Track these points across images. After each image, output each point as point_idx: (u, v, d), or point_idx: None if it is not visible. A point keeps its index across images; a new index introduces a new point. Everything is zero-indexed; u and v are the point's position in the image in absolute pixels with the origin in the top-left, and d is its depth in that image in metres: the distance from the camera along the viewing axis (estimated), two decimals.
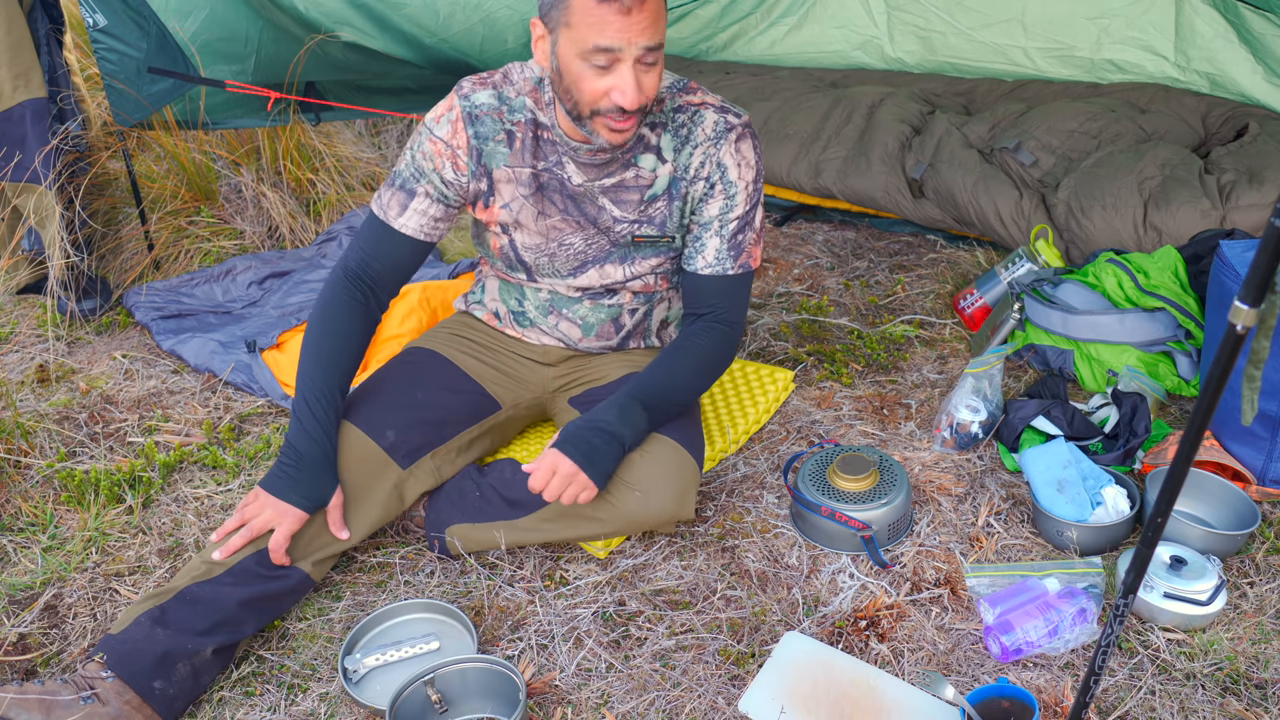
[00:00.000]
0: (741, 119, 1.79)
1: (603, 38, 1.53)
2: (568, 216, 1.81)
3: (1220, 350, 0.94)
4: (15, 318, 2.72)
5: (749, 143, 1.79)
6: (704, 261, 1.83)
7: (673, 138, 1.77)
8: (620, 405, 1.73)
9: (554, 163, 1.77)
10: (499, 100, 1.75)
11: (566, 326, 1.95)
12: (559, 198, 1.79)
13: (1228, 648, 1.65)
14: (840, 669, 1.62)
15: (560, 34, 1.57)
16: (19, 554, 1.92)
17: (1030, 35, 3.42)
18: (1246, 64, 3.11)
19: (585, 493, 1.68)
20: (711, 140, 1.77)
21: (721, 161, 1.77)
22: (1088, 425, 2.08)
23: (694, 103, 1.78)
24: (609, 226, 1.81)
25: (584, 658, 1.67)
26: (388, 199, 1.80)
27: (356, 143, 3.56)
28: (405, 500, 1.83)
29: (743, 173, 1.79)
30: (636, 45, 1.54)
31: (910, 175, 2.95)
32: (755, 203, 1.83)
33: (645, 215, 1.81)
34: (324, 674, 1.65)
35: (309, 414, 1.71)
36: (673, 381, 1.81)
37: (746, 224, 1.83)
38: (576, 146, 1.73)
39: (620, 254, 1.85)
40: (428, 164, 1.77)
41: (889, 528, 1.87)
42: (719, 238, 1.82)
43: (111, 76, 2.69)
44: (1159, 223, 2.56)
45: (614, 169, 1.77)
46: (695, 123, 1.77)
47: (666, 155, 1.78)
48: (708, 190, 1.79)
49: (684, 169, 1.78)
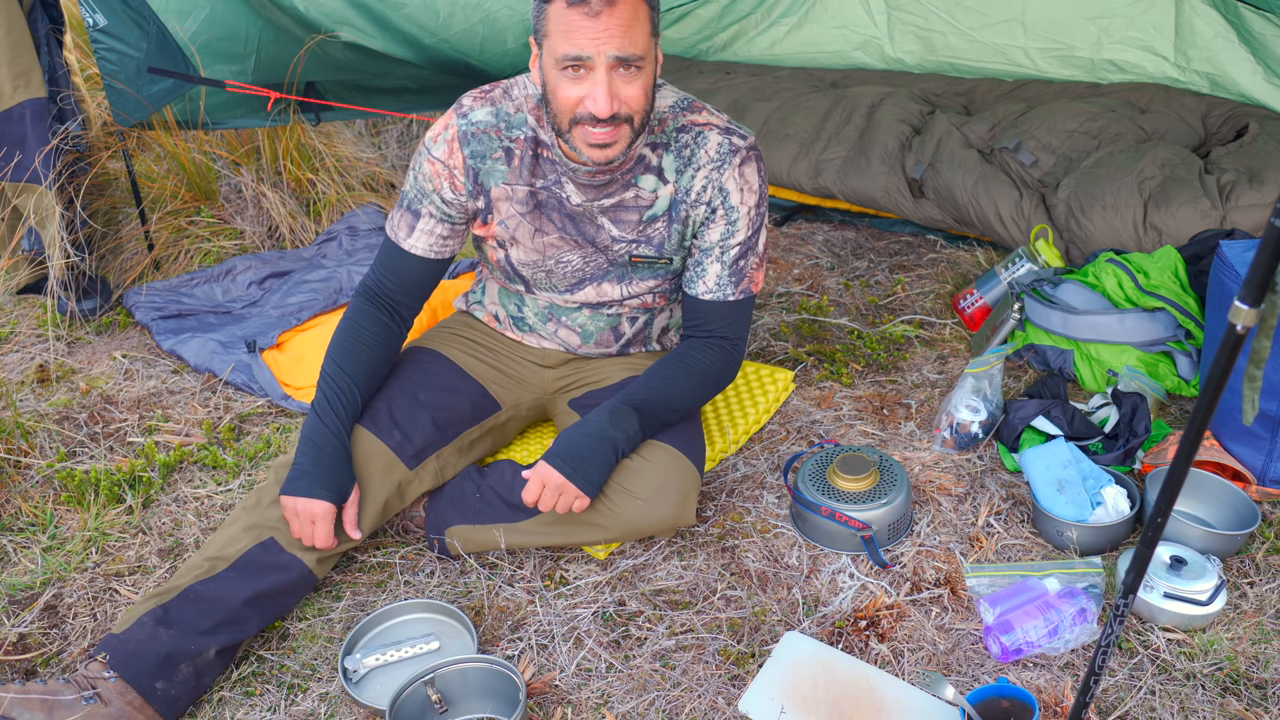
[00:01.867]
0: (747, 141, 1.76)
1: (572, 45, 1.53)
2: (565, 235, 1.80)
3: (1220, 350, 0.95)
4: (15, 318, 2.72)
5: (753, 166, 1.77)
6: (704, 287, 1.82)
7: (675, 158, 1.75)
8: (613, 412, 1.74)
9: (553, 181, 1.76)
10: (497, 117, 1.74)
11: (565, 334, 1.95)
12: (557, 216, 1.78)
13: (1228, 648, 1.65)
14: (840, 669, 1.62)
15: (544, 47, 1.58)
16: (19, 554, 1.92)
17: (1030, 35, 3.42)
18: (1246, 64, 3.11)
19: (577, 502, 1.69)
20: (715, 163, 1.74)
21: (724, 186, 1.75)
22: (1088, 425, 2.08)
23: (698, 123, 1.75)
24: (607, 245, 1.81)
25: (584, 658, 1.67)
26: (397, 220, 1.83)
27: (356, 143, 3.56)
28: (406, 500, 1.83)
29: (745, 198, 1.77)
30: (606, 54, 1.53)
31: (910, 175, 2.95)
32: (758, 228, 1.81)
33: (643, 235, 1.79)
34: (324, 674, 1.65)
35: (329, 410, 1.72)
36: (669, 390, 1.80)
37: (749, 249, 1.81)
38: (575, 167, 1.71)
39: (618, 273, 1.84)
40: (428, 184, 1.77)
41: (889, 528, 1.87)
42: (720, 264, 1.80)
43: (111, 76, 2.69)
44: (1159, 223, 2.56)
45: (613, 190, 1.76)
46: (699, 144, 1.74)
47: (668, 176, 1.76)
48: (709, 215, 1.77)
49: (685, 191, 1.76)
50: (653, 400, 1.78)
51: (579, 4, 1.50)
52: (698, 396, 1.84)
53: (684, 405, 1.83)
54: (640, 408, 1.76)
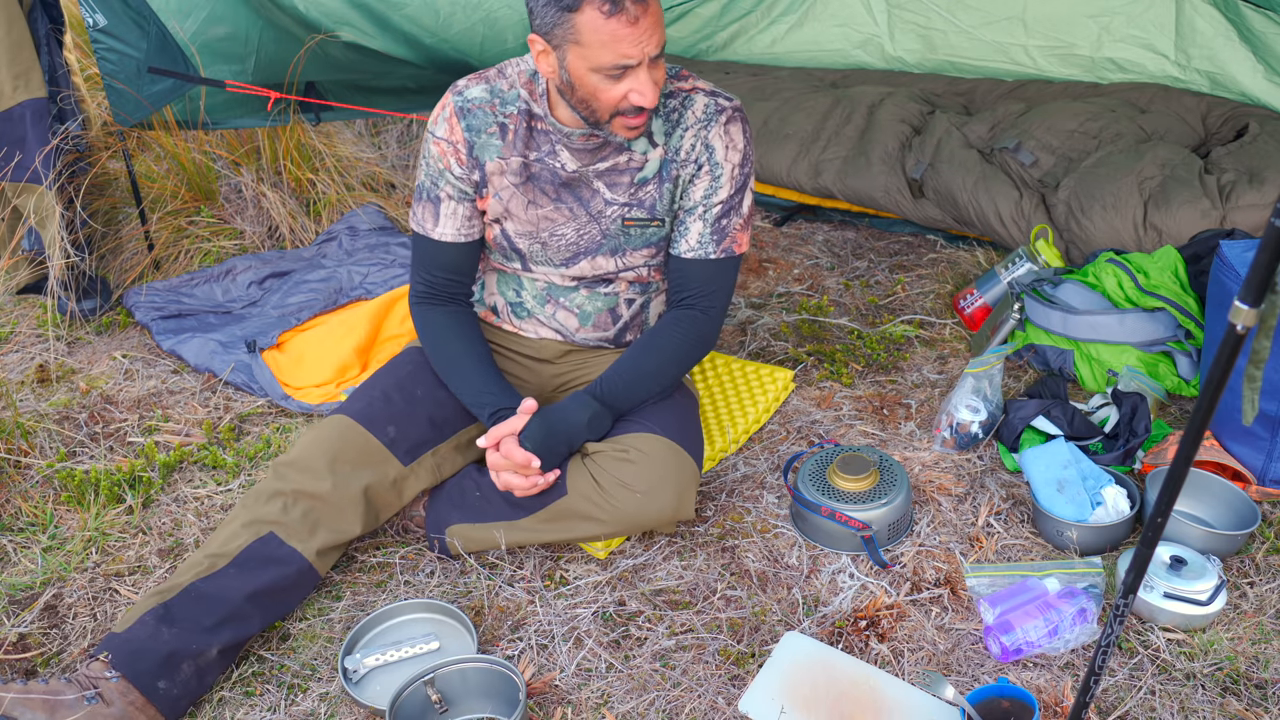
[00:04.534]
0: (732, 102, 1.80)
1: (618, 55, 1.57)
2: (560, 205, 1.82)
3: (1220, 350, 0.94)
4: (15, 318, 2.72)
5: (738, 126, 1.80)
6: (686, 245, 1.84)
7: (664, 122, 1.79)
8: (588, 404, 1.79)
9: (546, 152, 1.78)
10: (491, 94, 1.78)
11: (564, 316, 1.95)
12: (550, 188, 1.81)
13: (1228, 648, 1.65)
14: (840, 669, 1.62)
15: (569, 50, 1.59)
16: (19, 554, 1.92)
17: (1031, 33, 3.42)
18: (1247, 63, 3.11)
19: (542, 481, 1.76)
20: (701, 122, 1.78)
21: (710, 143, 1.79)
22: (1088, 425, 2.08)
23: (685, 88, 1.80)
24: (600, 211, 1.82)
25: (584, 658, 1.67)
26: (421, 213, 1.85)
27: (356, 143, 3.56)
28: (404, 497, 1.83)
29: (729, 155, 1.79)
30: (649, 54, 1.59)
31: (910, 175, 2.95)
32: (741, 187, 1.83)
33: (635, 199, 1.82)
34: (324, 674, 1.65)
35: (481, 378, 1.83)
36: (644, 371, 1.84)
37: (731, 208, 1.83)
38: (570, 133, 1.75)
39: (611, 245, 1.85)
40: (438, 165, 1.80)
41: (889, 528, 1.87)
42: (702, 221, 1.82)
43: (111, 76, 2.69)
44: (1159, 223, 2.56)
45: (607, 153, 1.79)
46: (686, 107, 1.79)
47: (658, 139, 1.79)
48: (695, 172, 1.81)
49: (674, 151, 1.79)
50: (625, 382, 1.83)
51: (618, 14, 1.53)
52: (671, 374, 1.87)
53: (659, 388, 1.86)
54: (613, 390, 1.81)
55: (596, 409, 1.79)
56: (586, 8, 1.53)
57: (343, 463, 1.74)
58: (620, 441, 1.78)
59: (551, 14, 1.57)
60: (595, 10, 1.53)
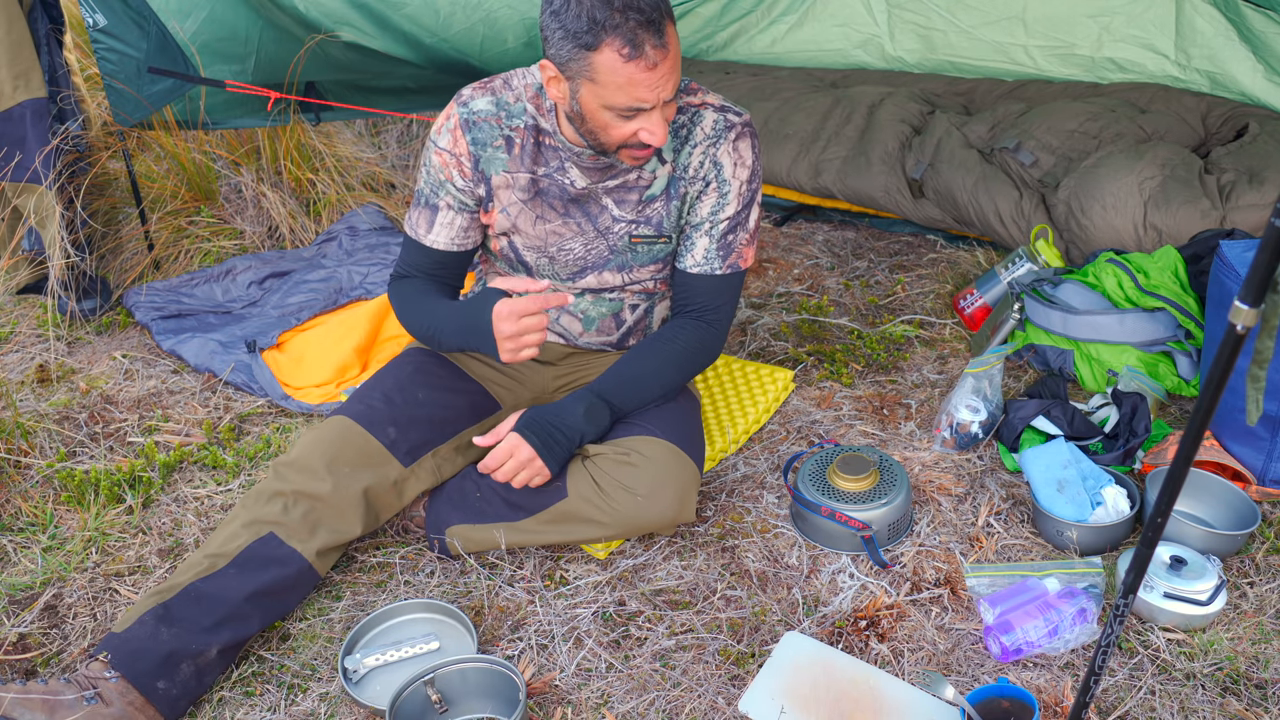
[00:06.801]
0: (742, 118, 1.80)
1: (632, 98, 1.55)
2: (568, 220, 1.81)
3: (1220, 350, 0.94)
4: (15, 318, 2.72)
5: (747, 142, 1.80)
6: (693, 260, 1.84)
7: (672, 139, 1.78)
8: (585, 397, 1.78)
9: (555, 168, 1.77)
10: (497, 106, 1.76)
11: (568, 320, 1.95)
12: (558, 203, 1.80)
13: (1228, 648, 1.65)
14: (840, 669, 1.62)
15: (582, 84, 1.58)
16: (19, 554, 1.92)
17: (1031, 33, 3.42)
18: (1247, 62, 3.11)
19: (538, 478, 1.73)
20: (710, 139, 1.77)
21: (718, 160, 1.78)
22: (1088, 425, 2.08)
23: (694, 103, 1.78)
24: (608, 228, 1.82)
25: (584, 658, 1.67)
26: (416, 217, 1.85)
27: (356, 143, 3.56)
28: (404, 498, 1.83)
29: (737, 171, 1.79)
30: (664, 98, 1.57)
31: (910, 175, 2.95)
32: (749, 203, 1.83)
33: (643, 215, 1.81)
34: (324, 674, 1.65)
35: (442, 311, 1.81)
36: (644, 371, 1.84)
37: (738, 224, 1.83)
38: (579, 151, 1.73)
39: (619, 261, 1.85)
40: (440, 175, 1.79)
41: (889, 528, 1.87)
42: (709, 237, 1.82)
43: (111, 76, 2.69)
44: (1159, 223, 2.56)
45: (616, 172, 1.78)
46: (695, 123, 1.78)
47: (666, 156, 1.79)
48: (703, 189, 1.80)
49: (683, 169, 1.79)
50: (627, 384, 1.82)
51: (637, 59, 1.51)
52: (674, 379, 1.86)
53: (659, 390, 1.85)
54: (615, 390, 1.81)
55: (593, 400, 1.78)
56: (606, 49, 1.51)
57: (343, 463, 1.74)
58: (621, 444, 1.78)
59: (568, 49, 1.54)
60: (615, 53, 1.51)
